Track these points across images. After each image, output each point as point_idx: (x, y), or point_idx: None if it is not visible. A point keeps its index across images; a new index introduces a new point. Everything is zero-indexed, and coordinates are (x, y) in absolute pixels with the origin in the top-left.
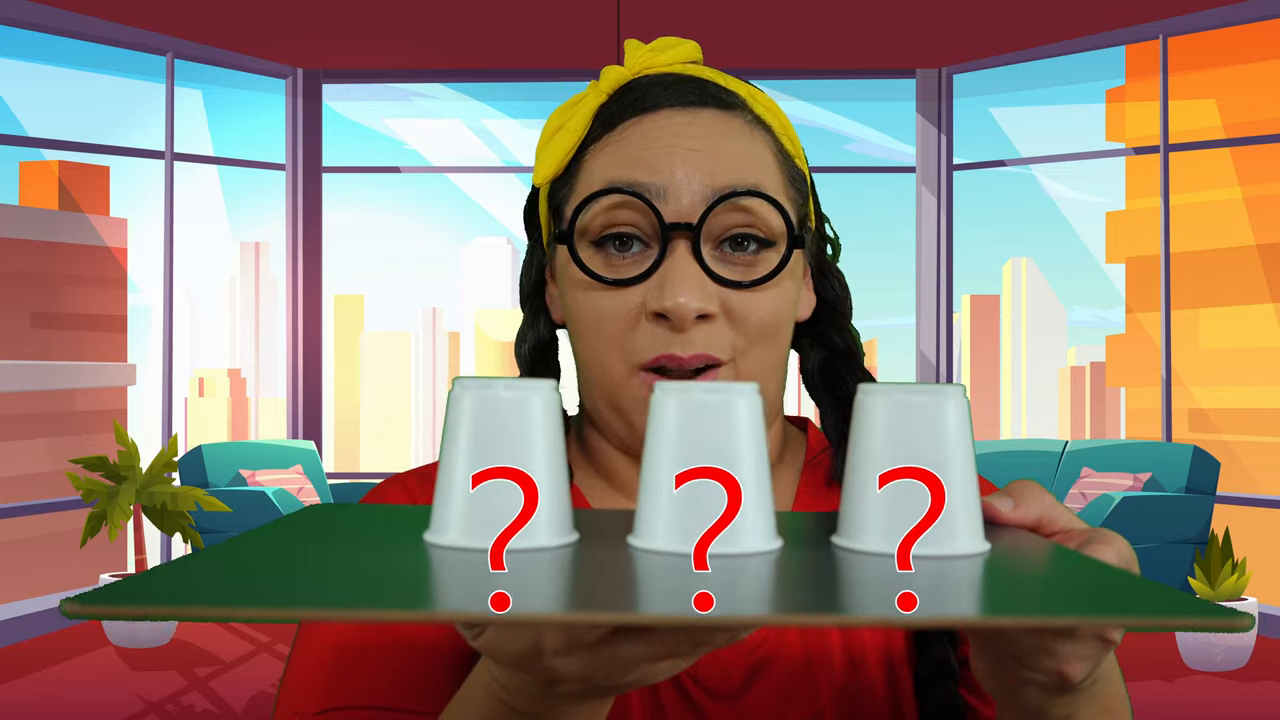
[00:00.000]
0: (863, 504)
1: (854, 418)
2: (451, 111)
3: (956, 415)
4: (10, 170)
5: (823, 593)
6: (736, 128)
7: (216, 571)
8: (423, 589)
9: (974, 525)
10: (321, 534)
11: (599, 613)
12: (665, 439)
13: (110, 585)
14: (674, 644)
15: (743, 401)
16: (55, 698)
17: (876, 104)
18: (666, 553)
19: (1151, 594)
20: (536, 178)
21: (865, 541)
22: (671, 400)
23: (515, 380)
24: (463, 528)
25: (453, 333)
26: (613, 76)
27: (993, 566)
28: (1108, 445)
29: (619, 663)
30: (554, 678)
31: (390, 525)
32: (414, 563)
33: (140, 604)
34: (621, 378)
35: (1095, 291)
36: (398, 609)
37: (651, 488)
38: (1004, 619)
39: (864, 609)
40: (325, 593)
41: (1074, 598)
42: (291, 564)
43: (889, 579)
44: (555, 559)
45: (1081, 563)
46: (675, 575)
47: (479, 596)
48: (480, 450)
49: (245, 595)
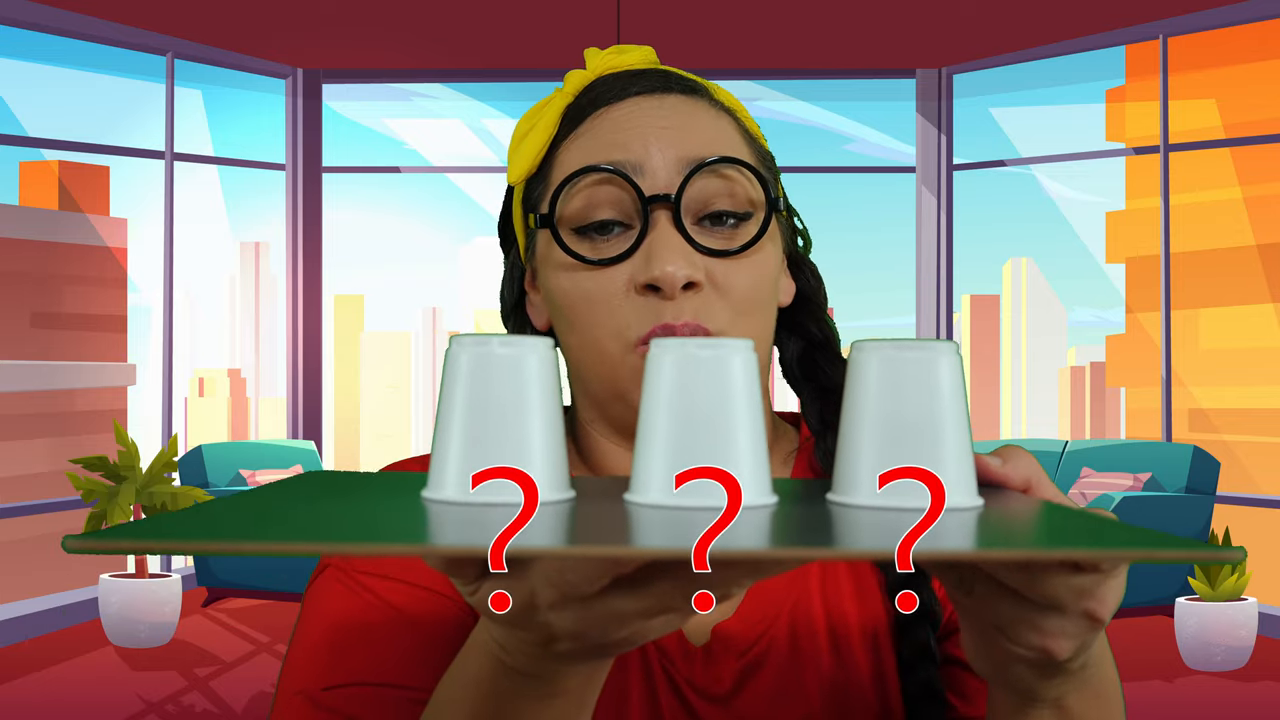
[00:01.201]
0: (856, 459)
1: (848, 374)
2: (451, 111)
3: (949, 371)
4: (10, 170)
5: (818, 534)
6: (703, 109)
7: (220, 514)
8: (420, 528)
9: (968, 481)
10: (321, 490)
11: (594, 546)
12: (661, 394)
13: (113, 528)
14: (668, 597)
15: (738, 358)
16: (55, 698)
17: (876, 104)
18: (664, 506)
19: (1141, 534)
20: (511, 177)
21: (860, 497)
22: (668, 356)
23: (511, 337)
24: (459, 484)
25: (452, 333)
26: (577, 79)
27: (986, 516)
28: (1108, 445)
29: (614, 617)
30: (550, 634)
31: (387, 485)
32: (411, 511)
33: (143, 538)
34: (617, 357)
35: (1095, 291)
36: (394, 543)
37: (647, 443)
38: (995, 551)
39: (859, 544)
40: (324, 528)
41: (1065, 536)
42: (292, 509)
43: (884, 524)
44: (552, 512)
45: (1074, 513)
46: (671, 525)
47: (475, 538)
48: (476, 406)
49: (247, 530)
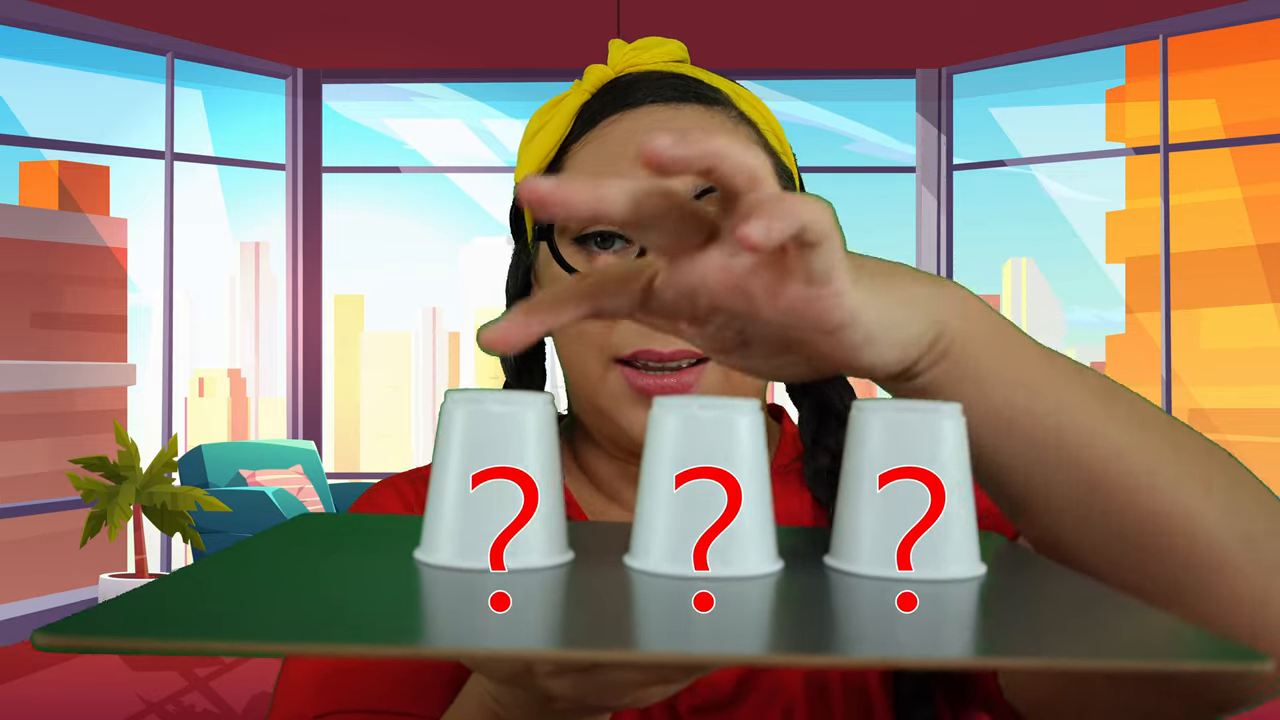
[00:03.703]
0: (856, 525)
1: (848, 434)
2: (451, 111)
3: (953, 434)
4: (10, 170)
5: (820, 627)
6: (719, 123)
7: (194, 597)
8: (413, 619)
9: (969, 548)
10: (308, 551)
11: (588, 650)
12: (664, 455)
13: (83, 614)
14: (666, 671)
15: (744, 420)
16: (55, 698)
17: (876, 104)
18: (662, 575)
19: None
20: (518, 177)
21: (860, 564)
22: (670, 416)
23: (508, 394)
24: (454, 547)
25: (453, 333)
26: (596, 75)
27: (988, 594)
28: None
29: (611, 687)
30: (548, 696)
31: (378, 538)
32: (402, 584)
33: (112, 635)
34: (598, 375)
35: (1095, 291)
36: (385, 644)
37: (649, 506)
38: (997, 660)
39: (860, 647)
40: (310, 624)
41: (1072, 638)
42: (275, 587)
43: (887, 611)
44: (549, 580)
45: (1083, 588)
46: (671, 601)
47: (471, 627)
48: (472, 467)
49: (223, 628)
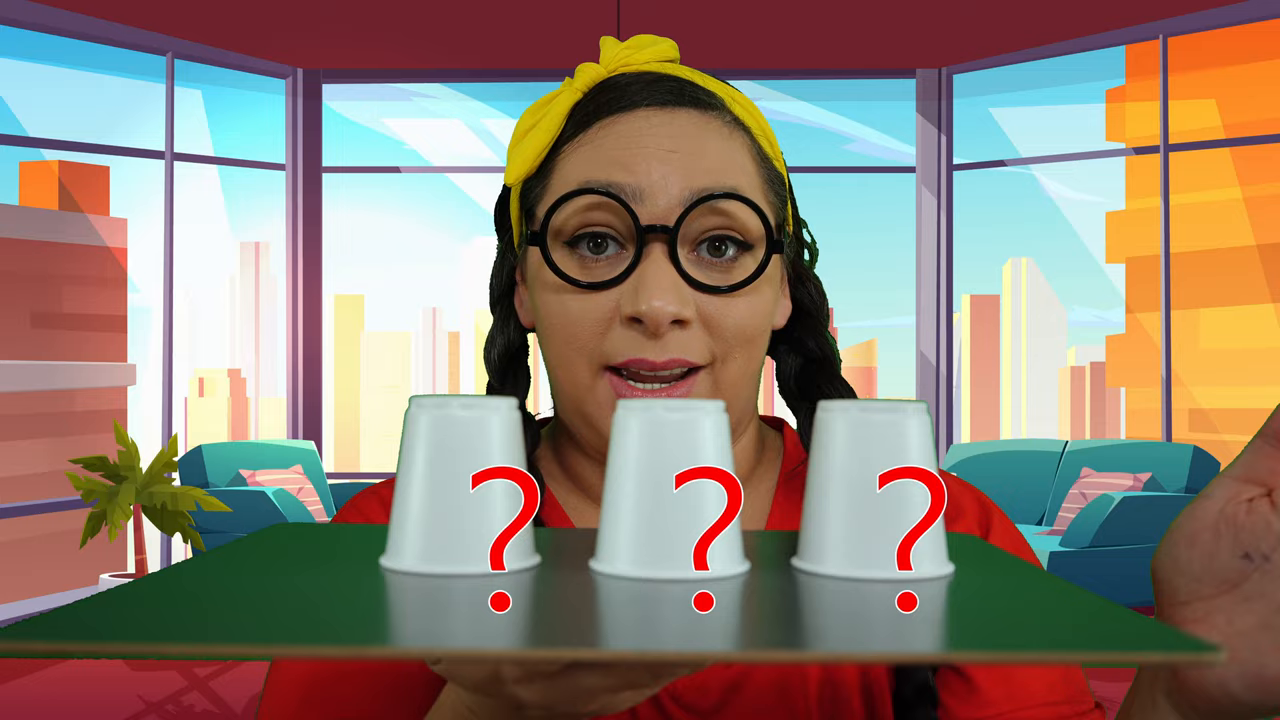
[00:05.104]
0: (823, 526)
1: (814, 435)
2: (451, 111)
3: (918, 433)
4: (10, 170)
5: (786, 625)
6: (714, 129)
7: (160, 602)
8: (378, 622)
9: (937, 548)
10: (276, 560)
11: (553, 650)
12: (628, 458)
13: (37, 618)
14: (634, 676)
15: (708, 420)
16: (55, 698)
17: (876, 104)
18: (627, 578)
19: (1137, 625)
20: (508, 177)
21: (826, 564)
22: (634, 419)
23: (472, 399)
24: (419, 552)
25: (453, 333)
26: (588, 74)
27: (956, 589)
28: (1108, 445)
29: (580, 692)
30: (518, 703)
31: (346, 546)
32: (368, 589)
33: (65, 639)
34: (587, 381)
35: (1095, 291)
36: (348, 645)
37: (614, 509)
38: (965, 654)
39: (824, 644)
40: (272, 623)
41: (1040, 632)
42: (241, 594)
43: (853, 608)
44: (514, 584)
45: (1049, 586)
46: (636, 604)
47: (434, 629)
48: (437, 471)
49: (189, 630)
